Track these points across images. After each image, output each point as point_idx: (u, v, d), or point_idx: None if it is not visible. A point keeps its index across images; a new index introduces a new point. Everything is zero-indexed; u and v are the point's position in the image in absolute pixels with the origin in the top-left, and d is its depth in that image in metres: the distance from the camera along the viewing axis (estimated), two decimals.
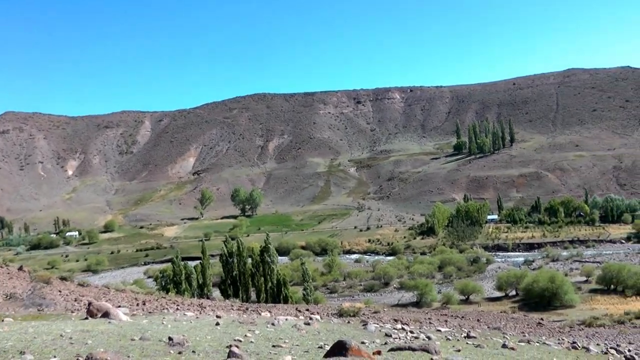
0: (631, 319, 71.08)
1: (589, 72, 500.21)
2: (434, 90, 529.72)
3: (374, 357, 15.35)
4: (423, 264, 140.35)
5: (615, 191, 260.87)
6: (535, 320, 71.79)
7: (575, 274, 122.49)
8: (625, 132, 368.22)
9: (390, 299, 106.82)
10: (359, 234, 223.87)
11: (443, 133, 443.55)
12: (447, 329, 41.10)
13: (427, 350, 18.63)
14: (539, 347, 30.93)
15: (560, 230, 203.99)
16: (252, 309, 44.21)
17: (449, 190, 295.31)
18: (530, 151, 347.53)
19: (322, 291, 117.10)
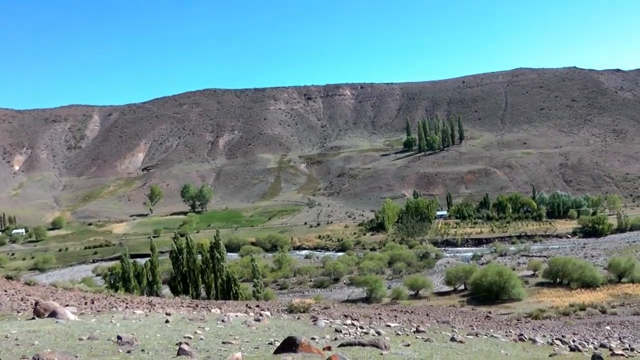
0: (576, 311, 72.86)
1: (536, 71, 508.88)
2: (385, 87, 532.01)
3: (323, 352, 15.42)
4: (373, 260, 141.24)
5: (561, 188, 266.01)
6: (484, 313, 72.95)
7: (523, 268, 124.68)
8: (572, 130, 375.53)
9: (340, 294, 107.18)
10: (309, 230, 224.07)
11: (393, 130, 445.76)
12: (397, 324, 41.48)
13: (376, 346, 18.78)
14: (487, 339, 31.43)
15: (508, 225, 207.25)
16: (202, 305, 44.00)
17: (399, 187, 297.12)
18: (479, 148, 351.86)
19: (273, 287, 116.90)
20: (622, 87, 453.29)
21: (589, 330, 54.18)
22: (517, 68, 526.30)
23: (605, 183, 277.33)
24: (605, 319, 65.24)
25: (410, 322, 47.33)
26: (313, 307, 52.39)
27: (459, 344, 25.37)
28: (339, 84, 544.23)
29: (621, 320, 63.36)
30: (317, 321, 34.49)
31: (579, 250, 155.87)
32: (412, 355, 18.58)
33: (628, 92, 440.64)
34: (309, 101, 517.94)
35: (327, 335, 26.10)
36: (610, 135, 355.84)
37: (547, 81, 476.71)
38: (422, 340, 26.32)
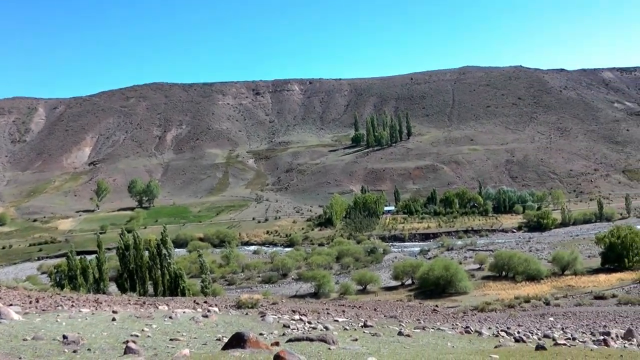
0: (520, 303, 73.98)
1: (483, 70, 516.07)
2: (333, 82, 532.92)
3: (271, 348, 15.46)
4: (321, 255, 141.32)
5: (507, 183, 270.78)
6: (431, 307, 73.62)
7: (469, 262, 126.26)
8: (518, 128, 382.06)
9: (289, 290, 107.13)
10: (257, 225, 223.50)
11: (341, 125, 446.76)
12: (345, 319, 41.68)
13: (324, 341, 18.88)
14: (434, 332, 31.84)
15: (455, 220, 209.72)
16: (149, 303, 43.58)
17: (347, 182, 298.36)
18: (427, 144, 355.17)
19: (221, 283, 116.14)
20: (567, 86, 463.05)
21: (533, 322, 55.12)
22: (465, 66, 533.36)
23: (549, 179, 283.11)
24: (549, 311, 66.47)
25: (358, 317, 47.57)
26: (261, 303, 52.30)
27: (407, 338, 25.63)
28: (288, 79, 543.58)
29: (564, 311, 64.64)
30: (265, 317, 34.51)
31: (524, 244, 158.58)
32: (359, 349, 18.70)
33: (572, 91, 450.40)
34: (258, 96, 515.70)
35: (275, 331, 26.16)
36: (554, 132, 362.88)
37: (493, 79, 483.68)
38: (370, 334, 26.53)
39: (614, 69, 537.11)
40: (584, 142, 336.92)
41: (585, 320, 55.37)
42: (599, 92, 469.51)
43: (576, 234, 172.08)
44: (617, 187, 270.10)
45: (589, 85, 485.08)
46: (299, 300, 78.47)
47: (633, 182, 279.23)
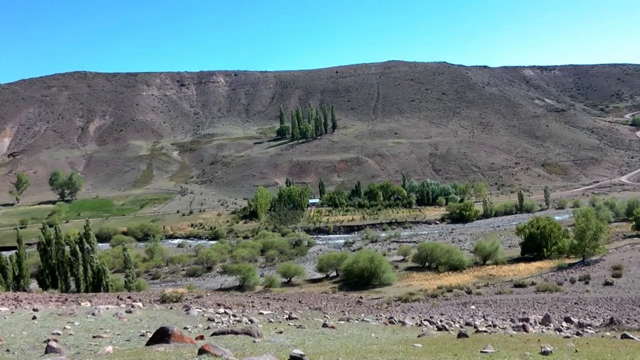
0: (443, 293, 75.39)
1: (408, 64, 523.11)
2: (259, 75, 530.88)
3: (196, 342, 15.43)
4: (246, 248, 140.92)
5: (430, 176, 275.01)
6: (355, 299, 74.22)
7: (393, 254, 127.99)
8: (441, 122, 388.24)
9: (214, 283, 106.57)
10: (182, 218, 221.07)
11: (267, 118, 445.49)
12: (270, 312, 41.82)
13: (249, 334, 18.96)
14: (358, 324, 32.17)
15: (379, 212, 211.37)
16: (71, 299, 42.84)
17: (272, 175, 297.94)
18: (352, 137, 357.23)
19: (145, 277, 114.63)
20: (489, 82, 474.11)
21: (456, 310, 56.32)
22: (390, 60, 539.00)
23: (472, 172, 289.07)
24: (471, 299, 68.05)
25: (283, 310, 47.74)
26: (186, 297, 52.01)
27: (331, 330, 25.87)
28: (213, 70, 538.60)
29: (485, 300, 66.25)
30: (190, 310, 34.34)
31: (447, 235, 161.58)
32: (284, 342, 18.81)
33: (494, 87, 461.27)
34: (182, 87, 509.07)
35: (200, 325, 26.08)
36: (477, 127, 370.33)
37: (418, 74, 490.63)
38: (295, 327, 26.69)
39: (534, 67, 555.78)
40: (505, 137, 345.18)
41: (505, 308, 56.87)
42: (520, 89, 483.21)
43: (497, 225, 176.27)
44: (536, 180, 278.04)
45: (511, 82, 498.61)
46: (224, 294, 78.20)
47: (552, 176, 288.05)
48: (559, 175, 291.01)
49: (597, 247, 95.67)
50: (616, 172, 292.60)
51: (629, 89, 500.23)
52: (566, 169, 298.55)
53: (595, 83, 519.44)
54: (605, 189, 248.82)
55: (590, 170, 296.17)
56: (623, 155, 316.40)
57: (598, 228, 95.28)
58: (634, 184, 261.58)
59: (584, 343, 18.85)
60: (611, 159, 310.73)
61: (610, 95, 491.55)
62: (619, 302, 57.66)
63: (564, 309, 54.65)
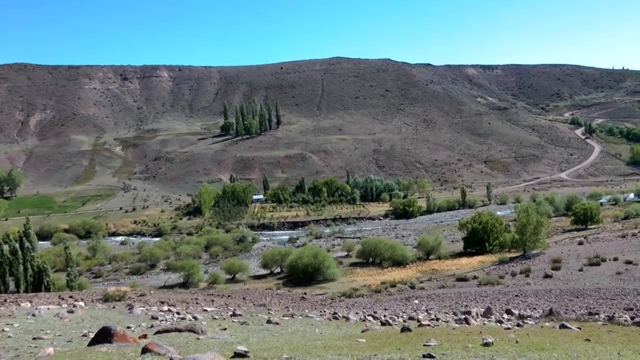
0: (387, 288, 75.94)
1: (352, 61, 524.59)
2: (203, 70, 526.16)
3: (139, 341, 15.28)
4: (190, 245, 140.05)
5: (374, 172, 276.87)
6: (299, 295, 74.49)
7: (337, 250, 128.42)
8: (385, 118, 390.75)
9: (157, 281, 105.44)
10: (125, 215, 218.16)
11: (211, 113, 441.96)
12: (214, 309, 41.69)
13: (193, 331, 18.87)
14: (302, 320, 32.27)
15: (323, 209, 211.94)
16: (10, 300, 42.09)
17: (216, 171, 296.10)
18: (296, 133, 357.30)
19: (87, 276, 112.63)
20: (432, 80, 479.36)
21: (399, 305, 56.79)
22: (335, 57, 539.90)
23: (415, 168, 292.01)
24: (414, 294, 68.70)
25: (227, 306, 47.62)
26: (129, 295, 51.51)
27: (275, 326, 25.91)
28: (156, 65, 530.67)
29: (428, 294, 66.95)
30: (133, 309, 34.01)
31: (391, 231, 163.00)
32: (228, 339, 18.78)
33: (438, 85, 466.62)
34: (125, 82, 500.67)
35: (144, 323, 25.83)
36: (420, 124, 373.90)
37: (362, 71, 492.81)
38: (239, 323, 26.64)
39: (477, 66, 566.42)
40: (448, 134, 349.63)
41: (448, 302, 57.61)
42: (463, 87, 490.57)
43: (440, 221, 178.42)
44: (479, 177, 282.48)
45: (454, 80, 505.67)
46: (168, 291, 77.72)
47: (494, 172, 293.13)
48: (501, 171, 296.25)
49: (538, 241, 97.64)
50: (556, 168, 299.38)
51: (568, 88, 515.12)
52: (508, 165, 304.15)
53: (536, 83, 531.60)
54: (545, 185, 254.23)
55: (531, 166, 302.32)
56: (563, 153, 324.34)
57: (538, 223, 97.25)
58: (573, 180, 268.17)
59: (524, 334, 19.31)
60: (551, 156, 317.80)
61: (550, 94, 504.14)
62: (558, 294, 58.94)
63: (505, 301, 55.63)
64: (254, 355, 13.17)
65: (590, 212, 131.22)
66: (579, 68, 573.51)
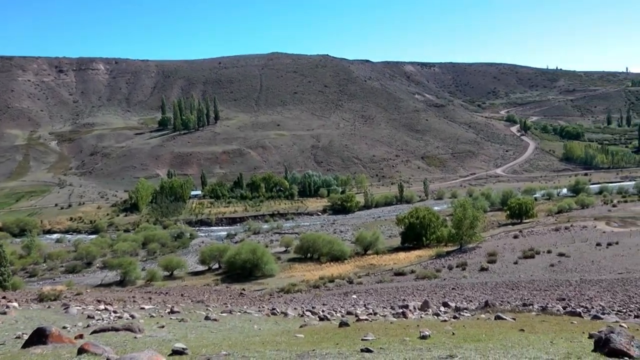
0: (325, 283, 76.23)
1: (291, 57, 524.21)
2: (140, 63, 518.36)
3: (75, 341, 15.01)
4: (127, 242, 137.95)
5: (312, 168, 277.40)
6: (238, 290, 74.38)
7: (276, 245, 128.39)
8: (323, 114, 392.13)
9: (94, 279, 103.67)
10: (60, 212, 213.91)
11: (148, 108, 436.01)
12: (151, 306, 41.28)
13: (130, 329, 18.67)
14: (240, 316, 32.25)
15: (261, 204, 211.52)
16: None
17: (153, 166, 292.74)
18: (234, 129, 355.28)
19: (21, 275, 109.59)
20: (371, 76, 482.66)
21: (338, 300, 57.11)
22: (273, 52, 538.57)
23: (353, 164, 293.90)
24: (352, 289, 69.19)
25: (165, 304, 47.20)
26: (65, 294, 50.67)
27: (213, 322, 25.82)
28: (93, 57, 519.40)
29: (366, 289, 67.55)
30: (69, 308, 33.49)
31: (329, 226, 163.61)
32: (166, 336, 18.66)
33: (376, 81, 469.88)
34: (61, 74, 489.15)
35: (80, 323, 25.45)
36: (359, 120, 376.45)
37: (301, 67, 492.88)
38: (177, 320, 26.47)
39: (415, 63, 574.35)
40: (386, 130, 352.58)
41: (386, 296, 58.16)
42: (401, 84, 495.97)
43: (378, 216, 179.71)
44: (416, 172, 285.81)
45: (392, 77, 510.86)
46: (105, 290, 76.73)
47: (431, 168, 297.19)
48: (438, 167, 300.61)
49: (474, 235, 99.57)
50: (492, 164, 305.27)
51: (504, 87, 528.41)
52: (445, 161, 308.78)
53: (472, 80, 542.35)
54: (481, 181, 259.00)
55: (467, 162, 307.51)
56: (498, 149, 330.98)
57: (474, 217, 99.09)
58: (508, 176, 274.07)
59: (461, 326, 19.69)
60: (487, 152, 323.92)
61: (486, 92, 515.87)
62: (493, 286, 60.17)
63: (442, 294, 56.48)
64: (192, 353, 13.12)
65: (525, 207, 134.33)
66: (514, 67, 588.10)
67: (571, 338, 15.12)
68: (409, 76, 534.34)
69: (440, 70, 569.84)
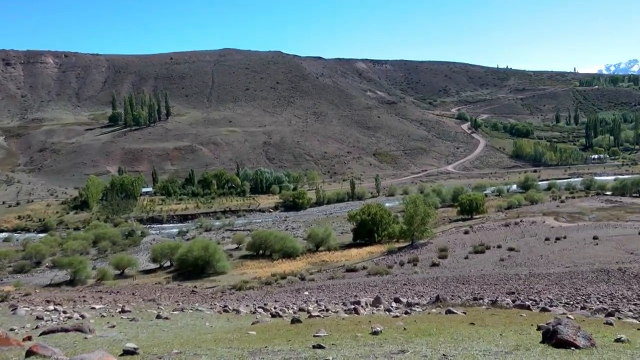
0: (277, 280, 76.46)
1: (243, 53, 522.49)
2: (90, 57, 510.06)
3: (23, 344, 14.77)
4: (77, 240, 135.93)
5: (264, 164, 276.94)
6: (190, 288, 74.13)
7: (228, 242, 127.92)
8: (275, 111, 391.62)
9: (43, 279, 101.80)
10: (8, 210, 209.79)
11: (99, 103, 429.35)
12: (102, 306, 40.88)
13: (80, 330, 18.46)
14: (192, 313, 32.13)
15: (213, 201, 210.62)
16: None
17: (104, 163, 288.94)
18: (186, 125, 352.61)
19: None
20: (323, 73, 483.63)
21: (290, 297, 57.16)
22: (225, 48, 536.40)
23: (305, 161, 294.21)
24: (304, 285, 69.38)
25: (116, 303, 46.79)
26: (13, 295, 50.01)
27: (165, 321, 25.68)
28: (42, 50, 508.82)
29: (318, 285, 67.74)
30: (17, 310, 33.02)
31: (281, 223, 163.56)
32: (117, 336, 18.52)
33: (328, 78, 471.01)
34: (8, 67, 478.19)
35: (28, 324, 25.09)
36: (310, 117, 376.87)
37: (253, 63, 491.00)
38: (128, 320, 26.24)
39: (366, 61, 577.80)
40: (338, 127, 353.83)
41: (338, 292, 58.34)
42: (353, 80, 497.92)
43: (330, 212, 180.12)
44: (368, 169, 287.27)
45: (344, 73, 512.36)
46: (54, 290, 75.73)
47: (382, 164, 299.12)
48: (390, 164, 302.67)
49: (425, 231, 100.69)
50: (443, 161, 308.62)
51: (455, 85, 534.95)
52: (396, 158, 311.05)
53: (424, 78, 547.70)
54: (433, 177, 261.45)
55: (419, 159, 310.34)
56: (449, 146, 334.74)
57: (426, 213, 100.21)
58: (459, 173, 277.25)
59: (412, 321, 19.91)
60: (438, 149, 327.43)
61: (438, 90, 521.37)
62: (444, 281, 60.86)
63: (393, 290, 56.86)
64: (144, 352, 13.05)
65: (475, 203, 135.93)
66: (465, 66, 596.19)
67: (520, 330, 15.44)
68: (360, 73, 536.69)
69: (392, 68, 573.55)
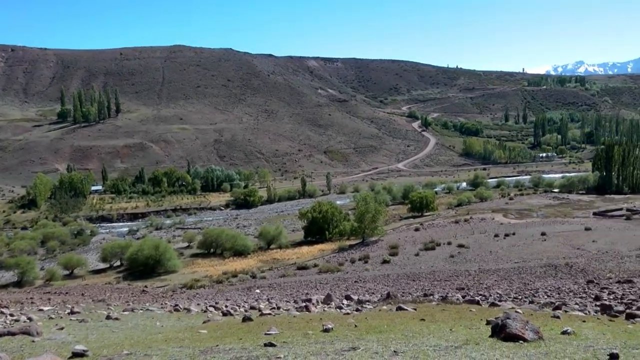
0: (228, 278, 76.32)
1: (194, 50, 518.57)
2: (38, 52, 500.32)
3: None
4: (24, 240, 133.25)
5: (215, 162, 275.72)
6: (140, 288, 73.53)
7: (178, 241, 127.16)
8: (227, 108, 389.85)
9: None
10: None
11: (47, 99, 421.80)
12: (51, 307, 40.26)
13: (27, 333, 18.14)
14: (143, 313, 31.80)
15: (163, 199, 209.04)
16: None
17: (53, 160, 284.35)
18: (136, 122, 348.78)
19: None
20: (274, 71, 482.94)
21: (241, 295, 56.95)
22: (176, 45, 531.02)
23: (256, 158, 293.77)
24: (256, 283, 69.24)
25: (64, 304, 46.11)
26: None
27: (115, 321, 25.39)
28: None
29: (270, 283, 67.72)
30: None
31: (232, 221, 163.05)
32: (66, 338, 18.25)
33: (279, 76, 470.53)
34: None
35: None
36: (262, 114, 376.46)
37: (204, 60, 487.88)
38: (77, 321, 25.86)
39: (318, 59, 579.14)
40: (289, 125, 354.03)
41: (289, 290, 58.31)
42: (305, 78, 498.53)
43: (281, 210, 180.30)
44: (319, 167, 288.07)
45: (295, 71, 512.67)
46: (1, 291, 74.48)
47: (333, 162, 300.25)
48: (340, 162, 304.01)
49: (376, 229, 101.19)
50: (393, 159, 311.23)
51: (406, 83, 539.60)
52: (347, 156, 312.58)
53: (375, 77, 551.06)
54: (383, 175, 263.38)
55: (369, 157, 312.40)
56: (400, 144, 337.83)
57: (376, 211, 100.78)
58: (409, 170, 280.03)
59: (363, 318, 20.01)
60: (389, 147, 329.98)
61: (388, 88, 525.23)
62: (395, 278, 61.24)
63: (344, 287, 57.02)
64: (93, 354, 12.92)
65: (425, 200, 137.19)
66: (416, 65, 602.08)
67: (470, 325, 15.64)
68: (312, 71, 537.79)
69: (343, 66, 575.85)
